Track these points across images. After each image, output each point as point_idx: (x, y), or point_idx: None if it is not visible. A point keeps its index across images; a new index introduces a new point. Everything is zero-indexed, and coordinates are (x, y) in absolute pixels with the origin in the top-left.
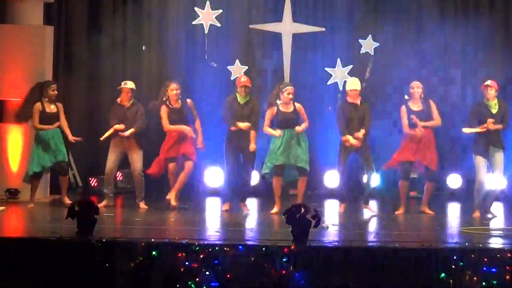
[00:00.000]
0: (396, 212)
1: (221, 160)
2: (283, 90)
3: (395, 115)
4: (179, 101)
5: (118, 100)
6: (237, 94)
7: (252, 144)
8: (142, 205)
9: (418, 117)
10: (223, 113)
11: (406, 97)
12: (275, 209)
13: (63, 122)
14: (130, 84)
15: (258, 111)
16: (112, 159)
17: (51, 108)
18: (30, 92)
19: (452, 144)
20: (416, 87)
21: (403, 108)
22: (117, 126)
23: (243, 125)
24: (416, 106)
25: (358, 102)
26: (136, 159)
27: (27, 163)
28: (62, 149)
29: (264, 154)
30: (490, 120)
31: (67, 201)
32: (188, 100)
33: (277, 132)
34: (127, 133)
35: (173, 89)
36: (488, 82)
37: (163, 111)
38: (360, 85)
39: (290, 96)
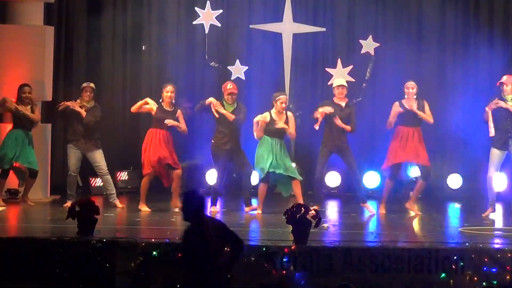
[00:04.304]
0: (381, 212)
1: None
2: (277, 99)
3: None
4: (172, 105)
5: (77, 102)
6: (224, 101)
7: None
8: (118, 203)
9: (409, 115)
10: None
11: (405, 96)
12: (258, 210)
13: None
14: (92, 84)
15: (245, 114)
16: (73, 161)
17: (25, 109)
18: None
19: (453, 144)
20: (411, 88)
21: (396, 104)
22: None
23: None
24: (409, 105)
25: (343, 103)
26: (99, 159)
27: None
28: (29, 154)
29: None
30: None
31: (29, 202)
32: (179, 110)
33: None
34: (76, 108)
35: (168, 91)
36: (504, 78)
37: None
38: (343, 83)
39: (283, 105)
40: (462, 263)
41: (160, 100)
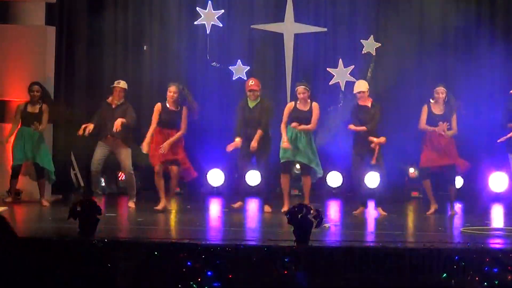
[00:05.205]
0: (428, 213)
1: (223, 162)
2: (296, 89)
3: (396, 114)
4: (178, 105)
5: (109, 99)
6: (247, 98)
7: (254, 142)
8: (131, 204)
9: (438, 120)
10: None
11: (431, 100)
12: (285, 207)
13: (43, 122)
14: (123, 84)
15: (268, 110)
16: (97, 157)
17: (33, 108)
18: None
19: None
20: (441, 93)
21: (425, 107)
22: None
23: (238, 140)
24: (438, 109)
25: (369, 104)
26: (124, 158)
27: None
28: (41, 152)
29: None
30: None
31: (45, 203)
32: (184, 108)
33: (284, 139)
34: (117, 123)
35: (170, 91)
36: None
37: (156, 107)
38: (360, 89)
39: (301, 95)
40: (463, 263)
41: (166, 101)
